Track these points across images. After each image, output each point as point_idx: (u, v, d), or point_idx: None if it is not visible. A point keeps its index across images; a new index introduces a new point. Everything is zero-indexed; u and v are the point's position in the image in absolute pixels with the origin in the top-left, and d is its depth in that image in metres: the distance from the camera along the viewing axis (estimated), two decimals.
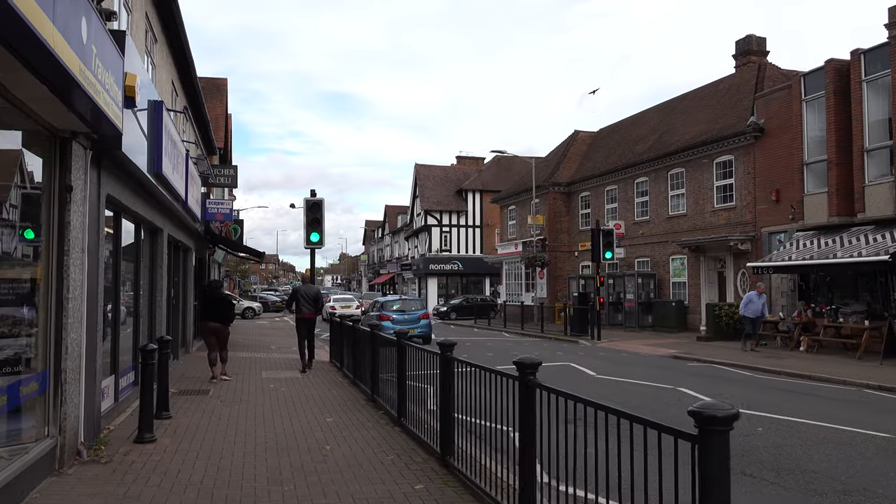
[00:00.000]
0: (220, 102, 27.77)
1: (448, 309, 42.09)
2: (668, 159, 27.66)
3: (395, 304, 23.60)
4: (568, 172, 36.09)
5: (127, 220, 9.48)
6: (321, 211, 16.67)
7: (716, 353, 18.74)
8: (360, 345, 11.89)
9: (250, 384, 12.07)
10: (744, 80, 27.59)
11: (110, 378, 8.49)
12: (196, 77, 15.01)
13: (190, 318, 17.40)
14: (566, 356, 18.46)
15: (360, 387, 11.77)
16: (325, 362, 16.04)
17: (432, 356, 7.20)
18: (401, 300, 24.77)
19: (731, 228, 24.11)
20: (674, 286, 27.48)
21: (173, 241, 14.35)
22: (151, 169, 8.86)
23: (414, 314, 22.35)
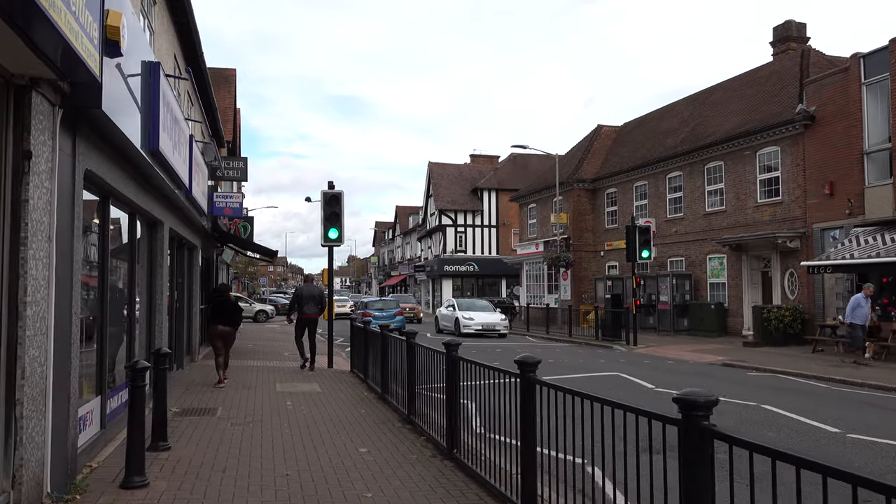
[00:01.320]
0: (228, 94, 26.25)
1: None
2: (704, 152, 25.94)
3: (377, 303, 30.14)
4: (592, 168, 34.41)
5: (118, 207, 7.88)
6: (340, 204, 15.07)
7: (772, 361, 17.03)
8: (391, 355, 10.28)
9: (264, 401, 10.46)
10: (785, 67, 25.86)
11: (94, 401, 6.89)
12: (202, 53, 13.45)
13: (196, 323, 15.83)
14: (610, 364, 16.77)
15: (390, 403, 10.17)
16: (346, 372, 14.42)
17: (503, 377, 5.56)
18: (381, 300, 31.95)
19: (777, 225, 22.37)
20: (711, 287, 25.74)
21: (176, 238, 12.77)
22: (146, 145, 7.27)
23: (391, 312, 28.16)
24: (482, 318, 26.74)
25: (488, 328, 26.37)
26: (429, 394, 8.18)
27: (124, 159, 7.13)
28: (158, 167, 8.00)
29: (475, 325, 26.22)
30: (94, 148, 6.09)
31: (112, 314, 7.61)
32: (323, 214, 14.97)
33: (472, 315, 26.76)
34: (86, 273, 6.60)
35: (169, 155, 8.21)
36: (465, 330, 25.92)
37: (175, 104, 8.89)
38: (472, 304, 29.26)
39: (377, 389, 11.23)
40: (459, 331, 25.91)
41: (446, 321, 28.23)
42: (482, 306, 28.76)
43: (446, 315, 28.48)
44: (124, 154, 6.97)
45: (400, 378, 9.80)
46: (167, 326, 11.75)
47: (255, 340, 23.22)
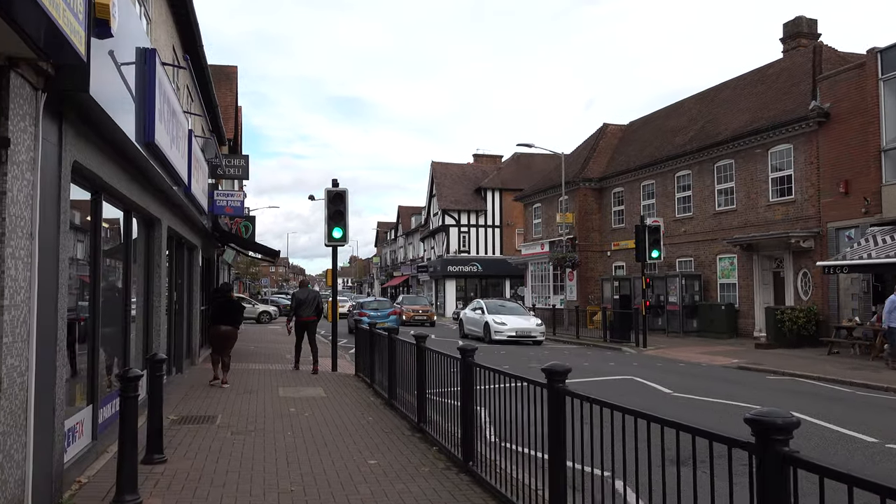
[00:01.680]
0: (229, 91, 25.80)
1: None
2: (713, 150, 25.46)
3: (372, 304, 30.00)
4: (598, 167, 33.95)
5: (111, 204, 7.44)
6: (344, 203, 14.61)
7: (789, 364, 16.56)
8: (399, 360, 9.82)
9: (266, 406, 10.01)
10: (796, 63, 25.38)
11: (85, 410, 6.44)
12: (201, 46, 12.99)
13: (196, 325, 15.39)
14: (621, 367, 16.30)
15: (398, 410, 9.72)
16: (350, 376, 13.98)
17: (529, 388, 5.10)
18: (376, 301, 31.73)
19: (790, 224, 21.89)
20: (721, 288, 25.26)
21: (175, 237, 12.33)
22: (141, 136, 6.82)
23: (384, 311, 27.96)
24: (516, 322, 23.83)
25: (523, 334, 23.50)
26: (439, 399, 7.74)
27: (117, 152, 6.69)
28: (154, 161, 7.55)
29: (508, 331, 23.42)
30: (84, 138, 5.65)
31: (105, 317, 7.17)
32: (327, 213, 14.51)
33: (505, 319, 23.93)
34: (76, 273, 6.17)
35: (166, 148, 7.77)
36: (496, 336, 23.31)
37: (173, 95, 8.45)
38: (502, 306, 26.38)
39: (384, 395, 10.78)
40: (490, 337, 23.45)
41: (473, 326, 25.61)
42: (512, 309, 25.90)
43: (473, 319, 25.83)
44: (117, 146, 6.52)
45: (409, 383, 9.35)
46: (166, 329, 11.31)
47: (258, 342, 22.78)
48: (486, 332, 23.83)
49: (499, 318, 24.03)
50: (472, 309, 26.88)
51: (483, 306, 25.52)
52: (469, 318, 26.48)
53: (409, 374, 9.22)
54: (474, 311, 26.23)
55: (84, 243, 6.62)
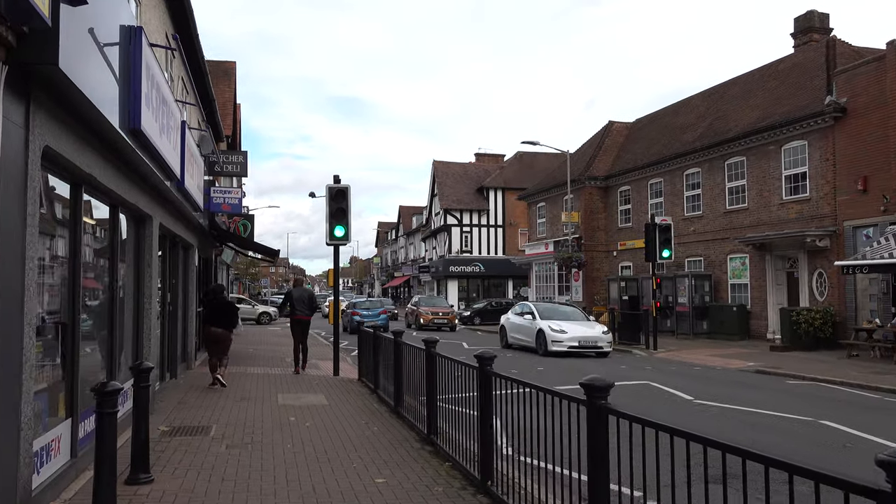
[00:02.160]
0: (227, 87, 25.17)
1: (472, 313, 39.05)
2: (724, 147, 24.84)
3: (364, 303, 32.60)
4: (604, 166, 33.33)
5: (95, 197, 6.81)
6: (346, 200, 13.98)
7: (808, 367, 15.93)
8: (405, 366, 9.20)
9: (264, 415, 9.38)
10: (809, 58, 24.77)
11: (63, 425, 5.82)
12: (197, 34, 12.35)
13: (192, 327, 14.76)
14: (634, 371, 15.68)
15: (405, 419, 9.10)
16: (353, 381, 13.35)
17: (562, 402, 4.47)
18: (368, 301, 34.84)
19: (804, 223, 21.27)
20: (732, 288, 24.63)
21: (169, 236, 11.70)
22: (125, 122, 6.20)
23: (376, 311, 30.00)
24: (578, 330, 19.68)
25: (588, 344, 19.39)
26: (450, 408, 7.13)
27: (99, 139, 6.06)
28: (142, 151, 6.92)
29: (569, 341, 19.19)
30: (57, 121, 5.02)
31: (87, 321, 6.55)
32: (328, 211, 13.88)
33: (564, 326, 19.68)
34: (52, 273, 5.54)
35: (154, 137, 7.14)
36: (555, 347, 19.13)
37: (163, 81, 7.82)
38: (555, 309, 21.83)
39: (389, 402, 10.16)
40: (546, 348, 19.33)
41: (520, 334, 21.31)
42: (569, 314, 21.44)
43: (520, 326, 21.42)
44: (99, 133, 5.90)
45: (416, 391, 8.74)
46: (158, 332, 10.68)
47: (256, 344, 22.16)
48: (540, 342, 19.71)
49: (556, 324, 19.84)
50: (517, 313, 22.40)
51: (534, 310, 21.14)
52: (514, 325, 21.93)
53: (416, 380, 8.61)
54: (522, 315, 21.79)
55: (65, 240, 6.00)
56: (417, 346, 8.63)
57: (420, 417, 8.34)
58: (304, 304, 14.56)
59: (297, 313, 14.42)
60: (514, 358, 18.48)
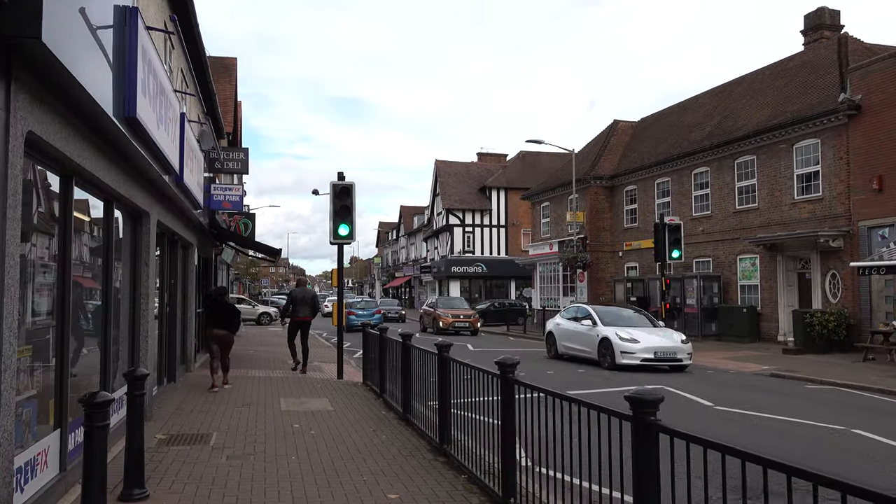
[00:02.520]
0: (228, 84, 24.74)
1: None
2: (733, 146, 24.39)
3: (359, 303, 33.58)
4: (609, 165, 32.88)
5: (87, 191, 6.38)
6: (351, 197, 13.55)
7: (825, 371, 15.50)
8: (415, 371, 8.76)
9: (267, 422, 8.94)
10: (820, 56, 24.32)
11: (50, 437, 5.38)
12: (197, 24, 11.90)
13: (191, 328, 14.31)
14: (648, 377, 15.22)
15: (414, 426, 8.66)
16: (357, 384, 12.91)
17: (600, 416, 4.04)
18: (363, 301, 35.71)
19: (817, 223, 20.82)
20: (742, 290, 24.18)
21: (167, 234, 11.26)
22: (119, 109, 5.76)
23: (370, 310, 31.43)
24: (651, 339, 16.07)
25: (665, 357, 15.82)
26: (464, 414, 6.70)
27: (91, 127, 5.61)
28: (137, 141, 6.48)
29: (642, 352, 15.66)
30: (44, 105, 4.57)
31: (78, 323, 6.11)
32: (332, 209, 13.44)
33: (635, 334, 16.09)
34: (38, 272, 5.10)
35: (151, 128, 6.70)
36: (624, 360, 15.61)
37: (161, 68, 7.38)
38: (618, 314, 18.12)
39: (397, 408, 9.72)
40: (614, 361, 15.75)
41: (576, 342, 17.62)
42: (634, 319, 17.67)
43: (575, 333, 17.69)
44: (90, 120, 5.45)
45: (424, 396, 8.32)
46: (156, 334, 10.24)
47: (257, 346, 21.71)
48: (605, 354, 16.14)
49: (624, 331, 16.23)
50: (569, 317, 18.69)
51: (593, 314, 17.48)
52: (567, 332, 18.18)
53: (426, 385, 8.17)
54: (577, 321, 17.93)
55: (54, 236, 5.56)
56: (427, 349, 8.22)
57: (431, 425, 7.91)
58: (305, 304, 14.52)
59: (299, 314, 14.44)
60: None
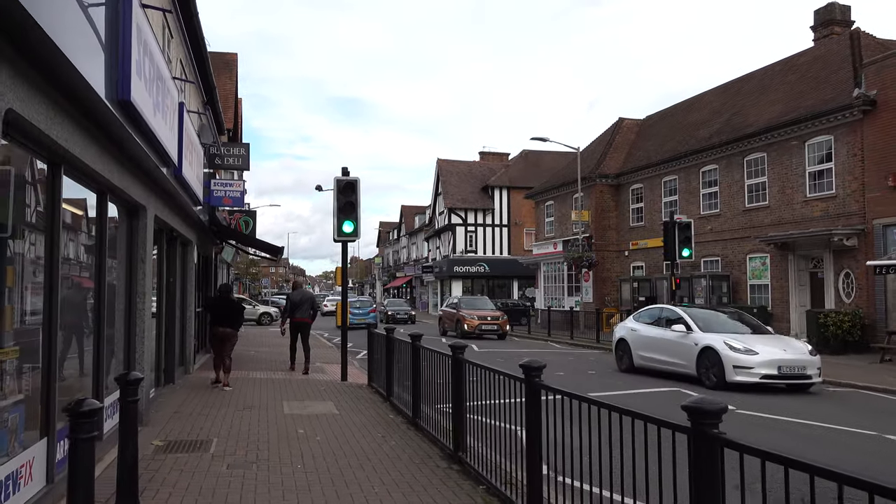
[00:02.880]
0: (229, 80, 24.31)
1: None
2: (743, 143, 23.95)
3: (355, 303, 33.91)
4: (615, 163, 32.45)
5: (78, 181, 5.95)
6: (356, 193, 13.11)
7: (844, 373, 15.06)
8: (425, 373, 8.34)
9: (269, 427, 8.50)
10: (831, 51, 23.90)
11: (36, 447, 4.95)
12: (197, 13, 11.45)
13: (191, 328, 13.87)
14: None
15: (425, 432, 8.23)
16: (363, 386, 12.48)
17: (657, 428, 3.59)
18: (358, 300, 36.33)
19: (830, 221, 20.38)
20: (752, 289, 23.74)
21: (166, 230, 10.83)
22: (112, 91, 5.33)
23: (365, 309, 33.22)
24: (772, 350, 12.75)
25: (792, 373, 12.53)
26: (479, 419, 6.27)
27: (81, 111, 5.18)
28: (132, 128, 6.04)
29: (762, 367, 12.38)
30: (27, 81, 4.14)
31: (67, 324, 5.68)
32: (336, 205, 13.00)
33: (751, 343, 12.80)
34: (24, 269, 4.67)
35: (147, 114, 6.26)
36: (738, 377, 12.39)
37: (157, 52, 6.94)
38: (714, 318, 14.51)
39: (406, 412, 9.29)
40: (723, 377, 12.54)
41: (663, 353, 14.36)
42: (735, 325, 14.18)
43: (662, 341, 14.45)
44: (79, 101, 5.02)
45: (433, 399, 7.89)
46: (153, 335, 9.81)
47: (258, 346, 21.28)
48: (709, 368, 12.93)
49: (734, 339, 12.98)
50: (650, 321, 15.41)
51: (686, 318, 14.15)
52: (648, 340, 14.97)
53: (438, 389, 7.75)
54: (662, 326, 14.69)
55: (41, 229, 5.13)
56: (439, 350, 7.80)
57: (443, 431, 7.48)
58: (304, 306, 14.41)
59: (298, 316, 14.31)
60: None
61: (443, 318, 29.54)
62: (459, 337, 25.09)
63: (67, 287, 5.74)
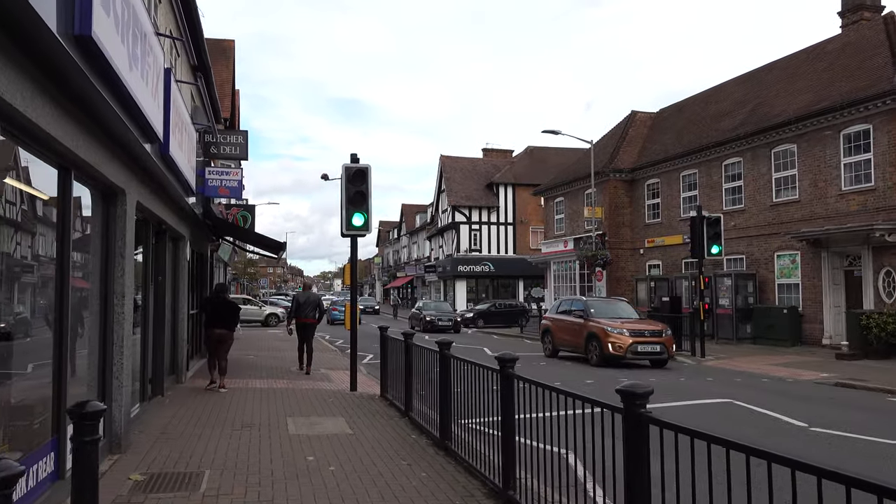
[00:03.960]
0: (225, 67, 22.96)
1: (475, 315, 36.55)
2: (770, 134, 22.64)
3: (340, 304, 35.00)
4: (629, 158, 31.12)
5: (27, 148, 4.59)
6: (366, 182, 11.73)
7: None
8: (458, 388, 6.99)
9: (273, 452, 7.14)
10: (863, 37, 22.61)
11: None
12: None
13: (184, 332, 12.51)
14: (698, 384, 13.46)
15: (457, 457, 6.90)
16: (374, 397, 11.13)
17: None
18: (342, 300, 37.08)
19: (869, 215, 19.07)
20: (780, 289, 22.42)
21: (153, 222, 9.47)
22: (66, 25, 3.98)
23: None
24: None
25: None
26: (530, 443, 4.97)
27: (24, 50, 3.83)
28: (98, 80, 4.68)
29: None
30: None
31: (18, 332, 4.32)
32: (345, 195, 11.62)
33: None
34: None
35: (119, 64, 4.91)
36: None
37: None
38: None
39: (430, 431, 7.97)
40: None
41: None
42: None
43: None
44: (22, 37, 3.67)
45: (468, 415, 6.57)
46: (137, 342, 8.46)
47: (258, 350, 19.92)
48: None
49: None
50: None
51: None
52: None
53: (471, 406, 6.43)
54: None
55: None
56: (475, 361, 6.48)
57: (484, 461, 6.15)
58: (309, 307, 14.50)
59: (303, 316, 14.39)
60: None
61: (552, 332, 19.20)
62: (601, 363, 16.56)
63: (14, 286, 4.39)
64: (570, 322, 18.16)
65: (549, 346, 19.42)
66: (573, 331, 17.89)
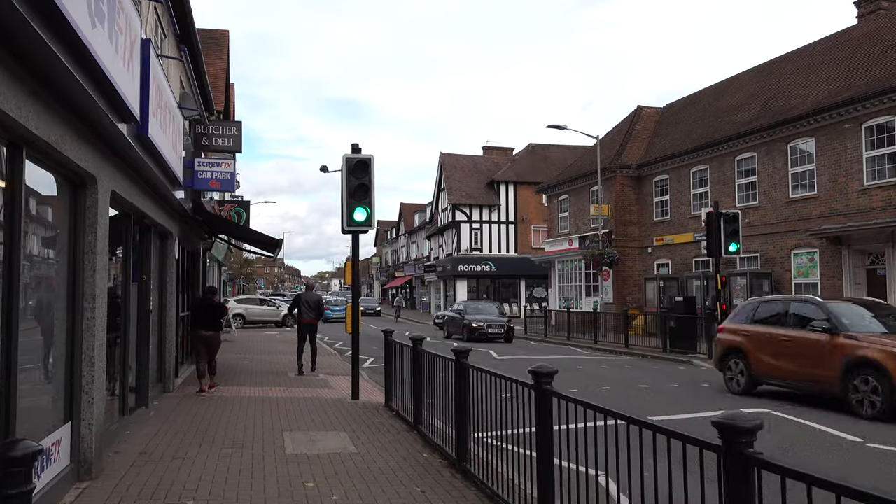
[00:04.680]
0: (219, 58, 22.01)
1: None
2: (787, 127, 21.73)
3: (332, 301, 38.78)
4: (636, 153, 30.21)
5: None
6: (369, 174, 10.84)
7: None
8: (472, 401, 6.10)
9: (267, 477, 6.22)
10: (883, 26, 21.78)
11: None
12: None
13: (172, 336, 11.56)
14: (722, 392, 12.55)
15: (477, 481, 6.04)
16: (379, 407, 10.22)
17: None
18: (336, 300, 40.59)
19: (894, 211, 18.18)
20: (797, 288, 21.51)
21: (135, 215, 8.53)
22: None
23: (343, 306, 32.97)
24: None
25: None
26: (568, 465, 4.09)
27: None
28: (48, 32, 3.76)
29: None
30: None
31: None
32: (346, 188, 10.72)
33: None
34: None
35: (76, 14, 3.98)
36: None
37: None
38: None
39: (446, 450, 7.07)
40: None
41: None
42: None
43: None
44: None
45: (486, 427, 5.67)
46: (105, 354, 7.53)
47: (252, 353, 19.00)
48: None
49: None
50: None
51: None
52: None
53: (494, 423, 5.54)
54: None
55: None
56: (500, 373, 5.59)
57: (509, 488, 5.26)
58: (310, 307, 14.49)
59: (304, 316, 14.39)
60: None
61: (747, 352, 12.30)
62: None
63: None
64: (795, 337, 11.30)
65: (738, 376, 12.37)
66: (804, 354, 11.03)
